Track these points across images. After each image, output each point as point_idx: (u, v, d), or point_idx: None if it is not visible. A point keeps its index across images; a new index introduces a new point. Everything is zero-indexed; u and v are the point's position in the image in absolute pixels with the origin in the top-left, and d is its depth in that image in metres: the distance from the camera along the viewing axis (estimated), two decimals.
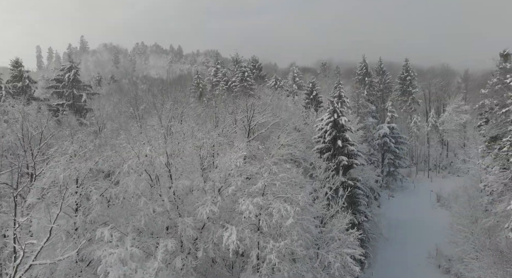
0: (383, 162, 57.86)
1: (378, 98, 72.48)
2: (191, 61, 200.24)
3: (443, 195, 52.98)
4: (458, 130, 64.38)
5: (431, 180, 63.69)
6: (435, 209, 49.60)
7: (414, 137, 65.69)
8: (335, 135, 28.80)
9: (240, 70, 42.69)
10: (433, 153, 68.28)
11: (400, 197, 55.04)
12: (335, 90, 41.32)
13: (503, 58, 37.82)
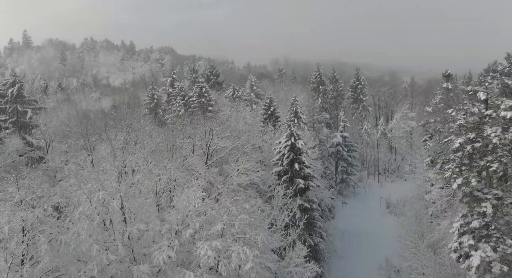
0: (337, 170, 60.01)
1: (332, 105, 74.95)
2: (144, 58, 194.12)
3: (392, 201, 56.14)
4: (405, 137, 68.27)
5: (380, 184, 67.06)
6: (385, 216, 52.32)
7: (365, 144, 68.72)
8: (292, 159, 29.44)
9: (198, 86, 42.08)
10: (382, 157, 71.96)
11: (353, 203, 57.47)
12: (292, 106, 42.17)
13: (445, 78, 40.70)
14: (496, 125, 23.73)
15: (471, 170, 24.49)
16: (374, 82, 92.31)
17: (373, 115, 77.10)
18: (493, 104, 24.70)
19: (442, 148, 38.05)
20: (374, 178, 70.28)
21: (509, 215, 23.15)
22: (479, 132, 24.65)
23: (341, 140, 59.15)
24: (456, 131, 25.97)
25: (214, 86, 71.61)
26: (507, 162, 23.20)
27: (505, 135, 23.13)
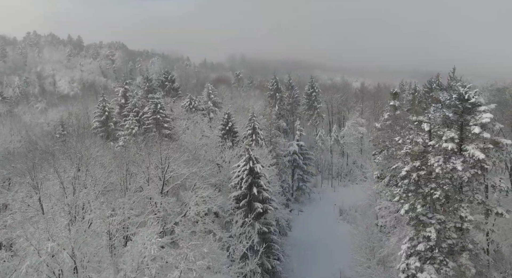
0: (293, 177, 61.37)
1: (288, 112, 76.26)
2: (93, 55, 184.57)
3: (345, 207, 58.55)
4: (356, 143, 71.21)
5: (334, 189, 69.58)
6: (338, 223, 54.40)
7: (319, 150, 70.79)
8: (251, 183, 29.66)
9: (152, 101, 40.75)
10: (336, 162, 74.61)
11: (309, 211, 59.12)
12: (250, 122, 42.31)
13: (392, 96, 42.91)
14: (438, 155, 25.49)
15: (417, 196, 26.14)
16: (328, 88, 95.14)
17: (327, 122, 79.54)
18: (436, 134, 26.49)
19: (389, 162, 40.28)
20: (328, 182, 72.76)
21: (451, 239, 25.05)
22: (424, 160, 26.35)
23: (297, 148, 60.48)
24: (403, 158, 27.58)
25: (169, 92, 70.02)
26: (449, 189, 25.01)
27: (446, 165, 24.90)
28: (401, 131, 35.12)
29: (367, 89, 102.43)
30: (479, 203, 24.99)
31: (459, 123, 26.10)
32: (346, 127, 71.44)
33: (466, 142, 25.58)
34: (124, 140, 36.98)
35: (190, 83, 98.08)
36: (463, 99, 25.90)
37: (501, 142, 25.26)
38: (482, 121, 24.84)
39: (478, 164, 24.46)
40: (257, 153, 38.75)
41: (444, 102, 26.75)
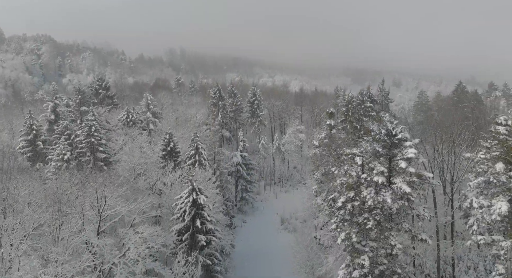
0: (237, 188, 61.93)
1: (231, 119, 76.41)
2: (16, 49, 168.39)
3: (286, 216, 60.33)
4: (296, 150, 73.64)
5: (276, 196, 71.34)
6: (280, 233, 55.95)
7: (262, 158, 72.08)
8: (194, 215, 29.46)
9: (86, 124, 38.18)
10: (278, 168, 76.51)
11: (252, 221, 60.11)
12: (193, 142, 41.66)
13: (328, 115, 45.11)
14: (370, 186, 27.39)
15: (352, 225, 27.92)
16: (269, 92, 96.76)
17: (269, 128, 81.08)
18: (368, 166, 28.39)
19: (327, 177, 42.41)
20: (271, 188, 74.40)
21: (382, 264, 27.19)
22: (357, 191, 28.15)
23: (241, 159, 61.03)
24: (339, 189, 29.22)
25: (103, 100, 66.44)
26: (380, 218, 27.02)
27: (377, 197, 26.85)
28: (336, 160, 37.15)
29: (305, 93, 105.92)
30: (406, 231, 27.40)
31: (388, 156, 28.24)
32: (287, 135, 73.50)
33: (395, 175, 27.79)
34: (56, 167, 34.41)
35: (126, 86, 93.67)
36: (391, 134, 28.01)
37: (424, 175, 27.85)
38: (407, 156, 27.11)
39: (405, 196, 26.74)
40: (201, 176, 38.56)
41: (375, 136, 28.72)
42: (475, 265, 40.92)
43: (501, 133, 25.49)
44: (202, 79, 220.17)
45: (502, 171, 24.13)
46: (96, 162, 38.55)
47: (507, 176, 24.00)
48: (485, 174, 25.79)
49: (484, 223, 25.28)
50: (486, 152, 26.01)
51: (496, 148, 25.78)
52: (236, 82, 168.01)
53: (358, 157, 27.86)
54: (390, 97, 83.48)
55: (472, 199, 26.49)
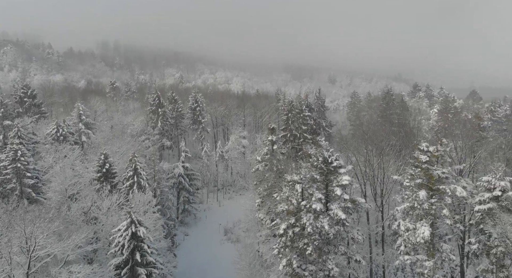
0: (179, 200, 60.88)
1: (172, 126, 74.58)
2: None
3: (229, 225, 60.55)
4: (239, 158, 74.14)
5: (219, 203, 71.34)
6: (223, 244, 56.12)
7: (205, 166, 71.54)
8: (133, 248, 28.50)
9: (11, 148, 34.41)
10: (221, 174, 76.34)
11: (195, 233, 59.55)
12: (131, 163, 39.94)
13: (270, 131, 46.04)
14: (310, 213, 28.63)
15: (293, 251, 29.03)
16: (210, 95, 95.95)
17: (212, 135, 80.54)
18: (307, 192, 29.61)
19: (269, 191, 43.48)
20: (214, 195, 74.13)
21: None
22: (298, 216, 29.27)
23: (183, 170, 59.99)
24: (281, 215, 30.16)
25: (30, 109, 61.19)
26: (319, 243, 28.40)
27: (316, 223, 28.17)
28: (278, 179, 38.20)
29: (248, 96, 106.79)
30: (342, 254, 29.18)
31: (325, 183, 29.72)
32: (230, 142, 73.63)
33: (331, 201, 29.36)
34: None
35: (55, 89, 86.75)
36: (327, 162, 29.47)
37: (357, 200, 29.77)
38: (342, 183, 28.75)
39: (341, 222, 28.40)
40: (140, 200, 37.30)
41: (313, 163, 30.01)
42: (402, 266, 44.80)
43: (423, 162, 28.02)
44: (139, 75, 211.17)
45: (425, 198, 26.61)
46: (23, 189, 35.41)
47: (429, 203, 26.54)
48: (410, 199, 28.25)
49: (410, 243, 27.77)
50: (411, 179, 28.46)
51: (419, 175, 28.31)
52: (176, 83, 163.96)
53: (298, 184, 28.92)
54: (325, 94, 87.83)
55: (399, 222, 28.90)
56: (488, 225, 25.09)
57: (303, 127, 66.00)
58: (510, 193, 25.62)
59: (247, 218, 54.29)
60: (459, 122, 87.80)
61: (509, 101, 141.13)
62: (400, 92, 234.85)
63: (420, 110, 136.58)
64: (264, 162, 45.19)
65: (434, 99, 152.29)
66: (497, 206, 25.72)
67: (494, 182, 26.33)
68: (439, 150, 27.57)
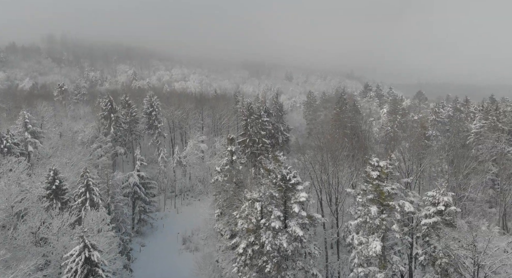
0: (134, 210, 59.18)
1: (126, 131, 71.99)
2: None
3: (188, 234, 59.76)
4: (198, 163, 73.31)
5: (177, 210, 70.13)
6: (182, 254, 55.25)
7: (162, 173, 69.96)
8: (87, 273, 27.33)
9: None
10: (179, 179, 74.94)
11: (152, 244, 58.09)
12: (83, 179, 38.08)
13: (229, 141, 46.00)
14: (269, 231, 29.06)
15: (252, 268, 29.36)
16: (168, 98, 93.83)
17: (169, 139, 78.78)
18: (266, 210, 30.01)
19: (229, 202, 43.58)
20: (171, 202, 72.75)
21: None
22: (257, 234, 29.60)
23: (138, 179, 58.30)
24: (240, 233, 30.33)
25: None
26: (278, 260, 28.94)
27: (275, 241, 28.66)
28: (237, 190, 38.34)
29: (206, 97, 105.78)
30: (300, 269, 29.96)
31: (283, 200, 30.28)
32: (188, 147, 72.47)
33: (290, 217, 29.98)
34: None
35: None
36: (286, 179, 30.02)
37: (314, 216, 30.64)
38: (300, 200, 29.45)
39: (299, 238, 29.12)
40: (94, 218, 35.81)
41: (272, 180, 30.44)
42: None
43: (374, 178, 29.40)
44: (89, 72, 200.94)
45: (376, 214, 27.99)
46: None
47: (380, 219, 27.94)
48: (363, 214, 29.55)
49: (364, 256, 29.10)
50: (363, 194, 29.76)
51: (371, 190, 29.67)
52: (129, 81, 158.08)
53: (257, 202, 29.22)
54: (282, 91, 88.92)
55: (353, 235, 30.17)
56: (433, 239, 26.92)
57: (262, 132, 66.59)
58: (452, 207, 27.65)
59: (206, 227, 53.99)
60: (406, 124, 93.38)
61: (452, 101, 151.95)
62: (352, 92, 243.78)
63: (371, 110, 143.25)
64: (223, 172, 45.12)
65: (384, 98, 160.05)
66: (441, 220, 27.65)
67: (438, 197, 28.24)
68: (389, 167, 29.02)
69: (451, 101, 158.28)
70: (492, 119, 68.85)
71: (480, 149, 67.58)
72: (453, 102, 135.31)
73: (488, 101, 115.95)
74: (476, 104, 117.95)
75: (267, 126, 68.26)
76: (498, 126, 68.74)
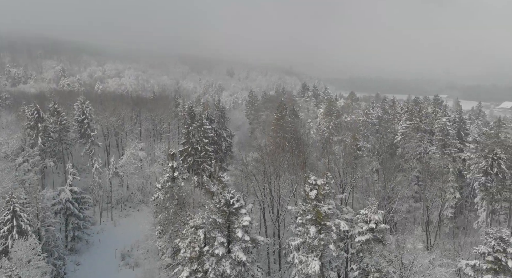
0: (67, 227, 55.73)
1: (56, 141, 66.93)
2: None
3: (127, 249, 57.49)
4: (136, 173, 70.71)
5: (115, 223, 66.99)
6: (121, 270, 53.13)
7: (97, 185, 66.39)
8: None
9: None
10: (116, 192, 71.43)
11: (87, 262, 54.93)
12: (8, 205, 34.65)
13: (170, 156, 45.05)
14: (212, 257, 29.25)
15: None
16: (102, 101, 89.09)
17: (104, 148, 74.80)
18: (209, 236, 30.11)
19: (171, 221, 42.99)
20: (108, 214, 69.22)
21: None
22: (201, 261, 29.63)
23: (71, 195, 54.84)
24: (183, 261, 30.09)
25: None
26: None
27: (218, 268, 28.94)
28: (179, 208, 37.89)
29: (143, 100, 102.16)
30: None
31: (227, 225, 30.60)
32: (125, 156, 69.45)
33: (233, 242, 30.41)
34: None
35: None
36: (229, 204, 30.35)
37: (257, 239, 31.42)
38: (243, 224, 30.01)
39: (242, 262, 29.71)
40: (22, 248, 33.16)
41: (215, 205, 30.59)
42: None
43: (312, 199, 30.90)
44: (10, 68, 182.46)
45: (315, 234, 29.51)
46: None
47: (318, 239, 29.52)
48: (303, 233, 30.96)
49: (304, 274, 30.56)
50: (303, 215, 31.16)
51: (309, 210, 31.15)
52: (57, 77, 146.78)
53: (200, 229, 29.17)
54: (224, 87, 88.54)
55: (294, 254, 31.50)
56: (366, 256, 29.15)
57: (204, 140, 66.05)
58: (382, 225, 30.09)
59: (147, 243, 52.49)
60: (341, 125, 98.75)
61: (380, 101, 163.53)
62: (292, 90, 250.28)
63: (309, 110, 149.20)
64: (164, 189, 44.13)
65: (320, 98, 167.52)
66: (372, 237, 29.97)
67: (370, 215, 30.54)
68: (325, 189, 30.66)
69: (380, 100, 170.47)
70: (416, 121, 75.43)
71: (406, 147, 73.97)
72: (381, 102, 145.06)
73: (412, 103, 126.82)
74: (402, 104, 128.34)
75: (209, 134, 67.89)
76: (421, 127, 75.66)
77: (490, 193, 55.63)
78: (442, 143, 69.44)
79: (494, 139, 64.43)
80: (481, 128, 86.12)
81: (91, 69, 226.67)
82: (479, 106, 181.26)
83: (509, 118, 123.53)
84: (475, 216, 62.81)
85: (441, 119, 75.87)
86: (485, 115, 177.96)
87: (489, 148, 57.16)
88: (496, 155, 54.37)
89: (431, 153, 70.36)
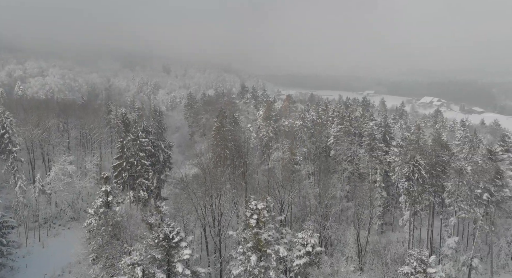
0: None
1: None
2: None
3: (58, 271, 53.88)
4: (66, 189, 66.15)
5: (43, 245, 62.07)
6: None
7: (21, 206, 60.91)
8: None
9: None
10: (43, 210, 66.01)
11: None
12: None
13: (104, 180, 42.89)
14: None
15: None
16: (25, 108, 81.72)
17: (28, 163, 68.68)
18: (148, 272, 29.38)
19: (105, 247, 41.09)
20: (35, 235, 63.97)
21: None
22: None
23: None
24: None
25: None
26: None
27: None
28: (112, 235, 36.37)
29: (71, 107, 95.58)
30: None
31: (166, 259, 30.10)
32: (53, 172, 64.49)
33: (173, 277, 30.03)
34: None
35: None
36: (168, 238, 29.86)
37: (197, 271, 31.35)
38: (183, 258, 29.76)
39: None
40: None
41: (154, 240, 29.89)
42: None
43: (253, 227, 31.64)
44: None
45: (256, 263, 30.28)
46: None
47: (259, 268, 30.34)
48: (244, 260, 31.60)
49: None
50: (244, 242, 31.77)
51: (251, 237, 31.85)
52: None
53: (138, 266, 28.32)
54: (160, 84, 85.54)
55: None
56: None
57: (140, 154, 63.72)
58: (318, 248, 31.77)
59: (80, 267, 49.54)
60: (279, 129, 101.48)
61: (315, 102, 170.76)
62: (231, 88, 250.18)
63: (248, 112, 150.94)
64: (98, 215, 41.96)
65: (259, 99, 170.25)
66: (309, 260, 31.53)
67: (307, 238, 32.07)
68: (265, 216, 31.52)
69: (315, 102, 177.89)
70: (346, 125, 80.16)
71: (338, 150, 78.38)
72: (316, 105, 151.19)
73: (343, 106, 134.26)
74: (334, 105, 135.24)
75: (146, 146, 65.63)
76: (351, 130, 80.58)
77: (413, 196, 61.26)
78: (370, 147, 74.64)
79: (415, 145, 70.85)
80: (404, 133, 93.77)
81: (10, 67, 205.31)
82: (402, 106, 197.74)
83: (425, 122, 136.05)
84: (400, 213, 68.64)
85: (369, 123, 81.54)
86: (407, 114, 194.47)
87: (410, 154, 62.71)
88: (417, 161, 59.83)
89: (361, 155, 75.40)
